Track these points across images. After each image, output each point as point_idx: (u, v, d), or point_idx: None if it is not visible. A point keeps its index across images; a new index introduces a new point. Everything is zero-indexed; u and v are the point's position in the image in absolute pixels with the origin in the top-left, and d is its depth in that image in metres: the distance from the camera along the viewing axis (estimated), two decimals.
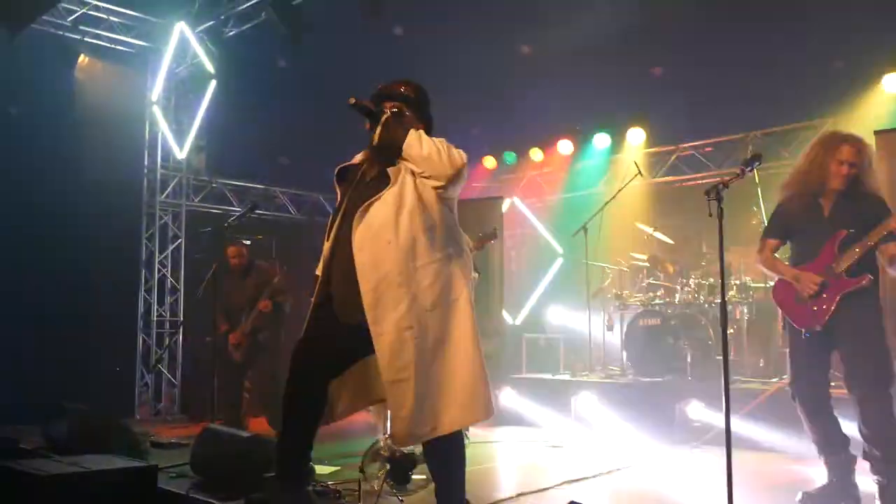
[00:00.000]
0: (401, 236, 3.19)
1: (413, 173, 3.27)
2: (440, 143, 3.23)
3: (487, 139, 10.75)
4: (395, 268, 3.17)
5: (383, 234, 3.19)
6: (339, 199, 3.47)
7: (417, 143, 3.21)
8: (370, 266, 3.18)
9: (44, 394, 7.21)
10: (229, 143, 9.98)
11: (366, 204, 3.25)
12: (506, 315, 9.74)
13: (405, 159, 3.26)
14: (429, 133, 3.47)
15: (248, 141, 9.84)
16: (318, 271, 3.44)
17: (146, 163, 9.85)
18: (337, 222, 3.40)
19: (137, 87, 9.78)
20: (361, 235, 3.22)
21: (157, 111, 9.82)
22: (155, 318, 9.69)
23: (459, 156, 3.21)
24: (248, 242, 8.72)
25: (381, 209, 3.22)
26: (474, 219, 8.37)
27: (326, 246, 3.42)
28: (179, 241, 9.96)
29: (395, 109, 3.40)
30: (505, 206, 9.83)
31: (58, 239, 8.32)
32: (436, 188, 3.23)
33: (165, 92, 9.91)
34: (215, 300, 6.64)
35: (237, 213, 7.12)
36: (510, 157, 11.07)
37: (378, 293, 3.15)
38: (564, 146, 10.51)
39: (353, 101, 3.28)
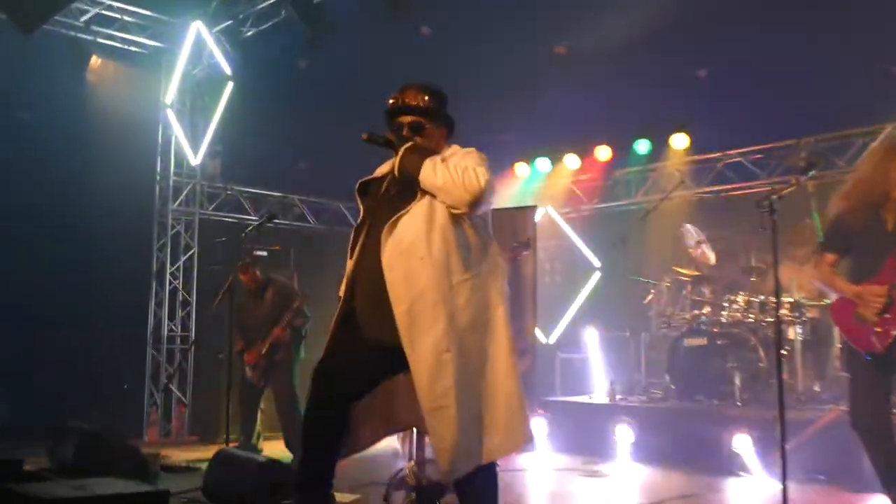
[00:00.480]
0: (434, 252, 3.18)
1: None
2: (457, 166, 3.21)
3: (519, 144, 10.68)
4: (430, 285, 3.15)
5: (415, 250, 3.18)
6: (361, 214, 3.48)
7: (432, 173, 3.21)
8: (403, 284, 3.16)
9: (49, 413, 7.27)
10: (246, 149, 10.03)
11: (393, 218, 3.23)
12: (538, 333, 9.68)
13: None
14: (452, 133, 3.52)
15: (266, 146, 9.89)
16: (341, 293, 3.44)
17: (158, 169, 9.94)
18: (361, 239, 3.40)
19: (151, 90, 9.89)
20: (391, 252, 3.20)
21: (170, 115, 9.91)
22: (165, 334, 9.74)
23: (477, 179, 3.16)
24: (265, 254, 8.76)
25: (410, 224, 3.22)
26: (506, 228, 8.34)
27: (349, 264, 3.42)
28: (192, 251, 10.02)
29: (413, 123, 3.43)
30: (538, 215, 9.78)
31: (64, 247, 8.40)
32: (458, 214, 3.24)
33: (180, 95, 10.00)
34: (230, 315, 6.66)
35: (253, 223, 7.15)
36: (544, 163, 11.03)
37: (413, 314, 3.13)
38: (602, 153, 10.45)
39: (365, 136, 3.33)
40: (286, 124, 9.77)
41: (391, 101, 3.49)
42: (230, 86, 9.66)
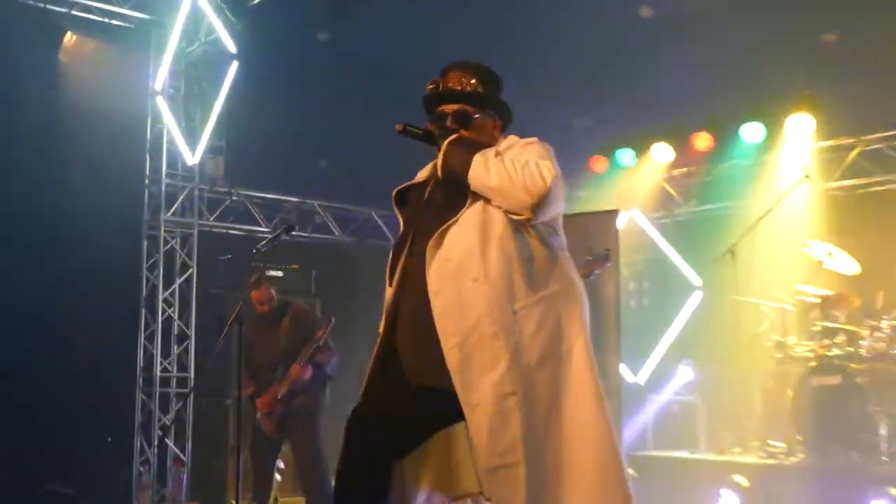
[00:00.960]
0: (491, 270, 3.18)
1: None
2: (516, 161, 3.21)
3: (597, 133, 10.61)
4: (487, 313, 3.14)
5: (467, 268, 3.19)
6: (402, 227, 3.51)
7: (484, 171, 3.23)
8: (454, 313, 3.17)
9: (17, 473, 7.34)
10: (255, 145, 10.07)
11: (440, 230, 3.27)
12: (624, 369, 9.58)
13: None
14: (509, 122, 3.57)
15: (280, 141, 9.92)
16: (382, 328, 3.45)
17: (147, 171, 9.97)
18: (402, 260, 3.41)
19: (137, 73, 9.92)
20: (438, 272, 3.22)
21: (161, 103, 9.96)
22: (158, 374, 9.74)
23: (541, 176, 3.16)
24: (280, 274, 8.79)
25: (460, 236, 3.24)
26: (581, 239, 8.26)
27: (389, 292, 3.43)
28: (190, 272, 10.04)
29: (457, 112, 3.46)
30: (621, 221, 9.71)
31: (31, 268, 8.43)
32: (519, 221, 3.25)
33: (173, 78, 10.06)
34: (239, 351, 6.68)
35: (266, 236, 7.17)
36: (627, 155, 10.95)
37: (467, 350, 3.13)
38: (701, 141, 10.34)
39: (400, 127, 3.38)
40: (305, 113, 9.79)
41: (430, 87, 3.53)
42: (235, 66, 9.67)
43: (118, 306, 9.52)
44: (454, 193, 3.33)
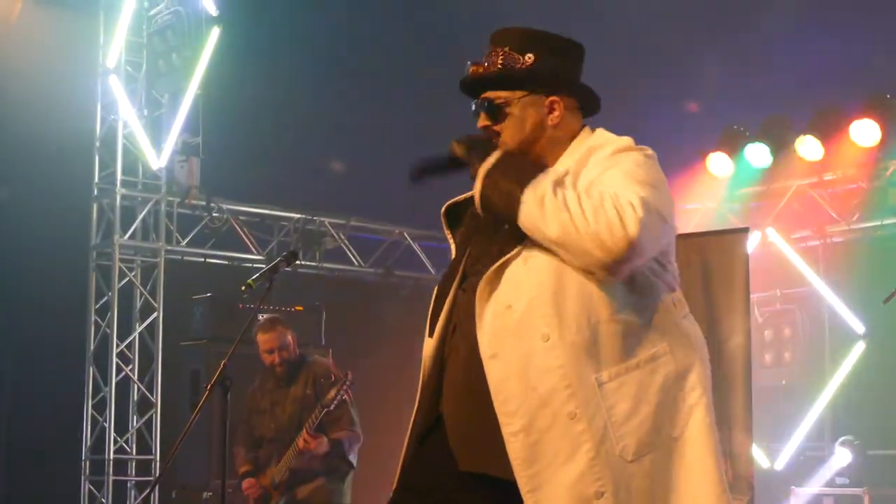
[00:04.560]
0: (568, 325, 3.15)
1: None
2: (587, 196, 3.06)
3: (716, 123, 10.62)
4: (562, 386, 3.13)
5: (534, 322, 3.15)
6: (452, 256, 3.52)
7: (538, 216, 3.08)
8: (517, 385, 3.16)
9: None
10: (242, 143, 10.11)
11: (495, 266, 3.23)
12: (757, 452, 9.56)
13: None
14: (591, 104, 3.46)
15: (277, 138, 9.95)
16: (420, 392, 3.44)
17: (96, 177, 10.09)
18: (449, 300, 3.41)
19: (82, 44, 10.00)
20: (494, 325, 3.20)
21: (115, 85, 10.03)
22: (111, 457, 9.75)
23: (621, 224, 2.98)
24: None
25: (524, 275, 3.20)
26: (696, 267, 8.29)
27: (429, 344, 3.44)
28: (155, 316, 10.11)
29: (485, 105, 3.36)
30: (751, 244, 9.71)
31: None
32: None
33: (131, 52, 10.14)
34: (223, 424, 6.71)
35: (260, 267, 7.20)
36: (759, 153, 10.92)
37: (535, 436, 3.13)
38: (863, 133, 10.28)
39: (417, 173, 3.39)
40: (310, 99, 9.82)
41: (462, 79, 3.43)
42: (216, 34, 9.70)
43: (58, 364, 9.56)
44: None
